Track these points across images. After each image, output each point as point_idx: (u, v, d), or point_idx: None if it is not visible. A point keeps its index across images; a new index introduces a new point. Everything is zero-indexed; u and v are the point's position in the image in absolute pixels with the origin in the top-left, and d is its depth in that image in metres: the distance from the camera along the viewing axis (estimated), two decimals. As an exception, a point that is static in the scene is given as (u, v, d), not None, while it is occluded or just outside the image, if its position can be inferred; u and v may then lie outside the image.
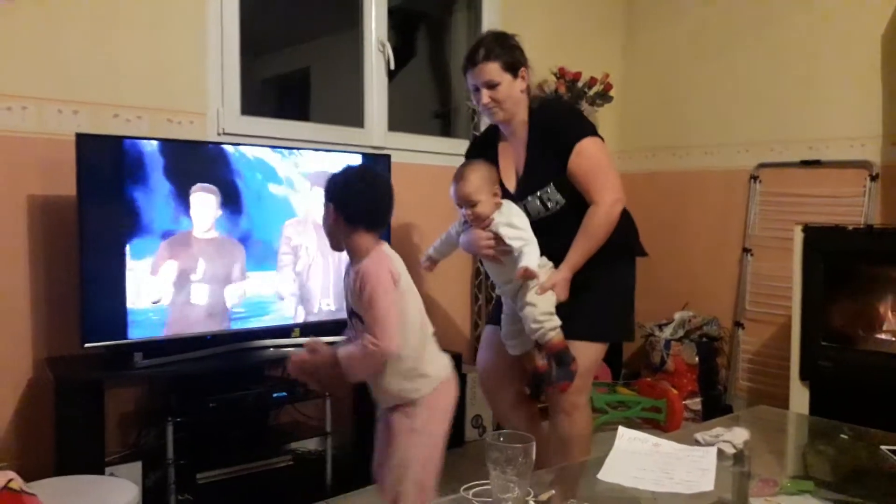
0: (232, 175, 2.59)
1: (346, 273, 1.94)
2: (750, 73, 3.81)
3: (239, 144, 2.67)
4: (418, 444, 1.91)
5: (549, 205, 2.28)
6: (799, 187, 3.60)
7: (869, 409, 2.21)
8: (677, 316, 3.88)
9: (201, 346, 2.54)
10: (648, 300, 4.18)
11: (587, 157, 2.23)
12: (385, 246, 1.91)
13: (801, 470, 1.82)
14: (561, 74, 3.85)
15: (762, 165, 3.76)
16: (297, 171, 2.75)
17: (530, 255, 2.14)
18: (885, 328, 2.99)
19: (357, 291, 1.83)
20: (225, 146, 2.61)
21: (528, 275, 2.11)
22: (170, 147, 2.50)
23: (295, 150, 2.79)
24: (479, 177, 2.19)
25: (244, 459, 2.67)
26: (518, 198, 2.31)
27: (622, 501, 1.51)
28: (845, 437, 1.90)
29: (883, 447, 1.77)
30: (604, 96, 3.97)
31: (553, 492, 1.43)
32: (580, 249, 2.22)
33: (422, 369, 1.91)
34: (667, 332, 3.82)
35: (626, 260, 2.41)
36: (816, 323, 2.95)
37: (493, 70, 2.22)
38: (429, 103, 4.31)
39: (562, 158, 2.24)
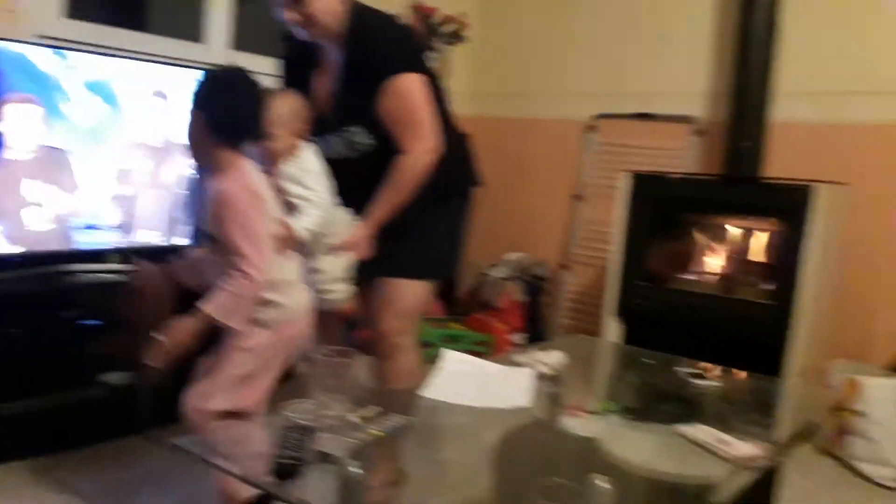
0: (45, 85, 2.34)
1: (195, 190, 1.78)
2: (594, 25, 3.93)
3: (55, 48, 2.41)
4: (245, 362, 1.74)
5: (356, 146, 2.00)
6: (633, 138, 3.78)
7: (677, 342, 2.38)
8: (509, 257, 4.03)
9: (5, 267, 2.33)
10: (484, 241, 4.30)
11: (402, 97, 1.93)
12: (247, 162, 1.74)
13: (609, 392, 1.95)
14: (416, 9, 3.79)
15: (600, 116, 3.91)
16: (124, 85, 2.53)
17: (305, 217, 1.88)
18: (694, 269, 3.25)
19: (216, 215, 1.65)
20: (36, 49, 2.35)
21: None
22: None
23: (124, 61, 2.57)
24: (285, 109, 1.89)
25: (52, 391, 2.49)
26: (320, 133, 2.02)
27: (441, 414, 1.54)
28: (648, 361, 2.05)
29: (680, 370, 1.93)
30: (457, 36, 3.95)
31: (375, 408, 1.44)
32: (385, 203, 1.96)
33: (275, 298, 1.74)
34: (498, 272, 3.97)
35: (458, 197, 2.21)
36: (635, 264, 3.15)
37: None
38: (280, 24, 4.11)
39: (376, 93, 1.93)
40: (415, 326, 2.21)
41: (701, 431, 1.45)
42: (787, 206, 2.81)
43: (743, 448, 1.38)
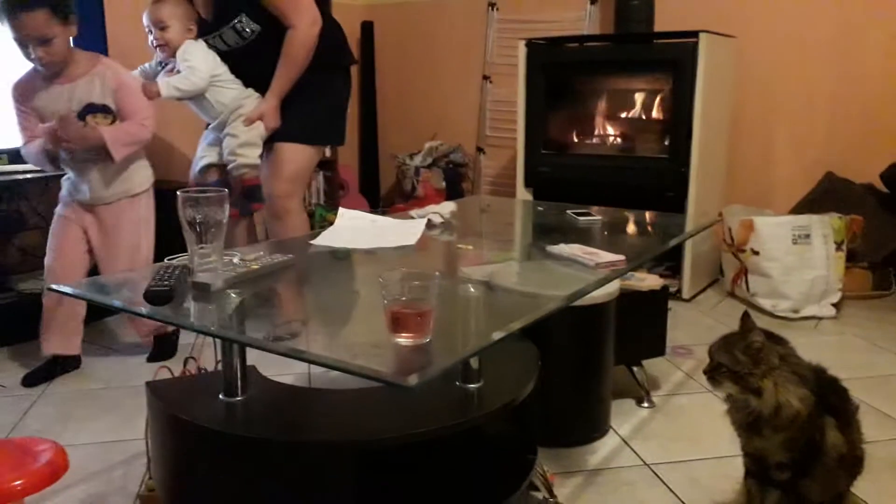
0: None
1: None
2: None
3: None
4: (148, 231, 2.32)
5: (245, 34, 2.28)
6: (530, 13, 3.81)
7: (578, 201, 2.49)
8: (426, 145, 4.06)
9: None
10: (401, 133, 4.35)
11: None
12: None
13: (504, 243, 2.03)
14: None
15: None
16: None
17: (178, 79, 2.24)
18: (594, 133, 3.33)
19: (111, 87, 2.16)
20: None
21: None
22: None
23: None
24: (175, 4, 2.25)
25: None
26: (213, 30, 2.29)
27: (326, 257, 1.60)
28: (541, 208, 2.15)
29: (568, 211, 2.02)
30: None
31: (261, 253, 1.47)
32: (284, 77, 2.29)
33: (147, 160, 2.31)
34: (416, 161, 4.00)
35: (340, 73, 2.48)
36: (538, 134, 3.21)
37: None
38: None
39: None
40: (302, 191, 2.56)
41: (571, 248, 1.54)
42: (675, 58, 2.88)
43: (608, 256, 1.48)
